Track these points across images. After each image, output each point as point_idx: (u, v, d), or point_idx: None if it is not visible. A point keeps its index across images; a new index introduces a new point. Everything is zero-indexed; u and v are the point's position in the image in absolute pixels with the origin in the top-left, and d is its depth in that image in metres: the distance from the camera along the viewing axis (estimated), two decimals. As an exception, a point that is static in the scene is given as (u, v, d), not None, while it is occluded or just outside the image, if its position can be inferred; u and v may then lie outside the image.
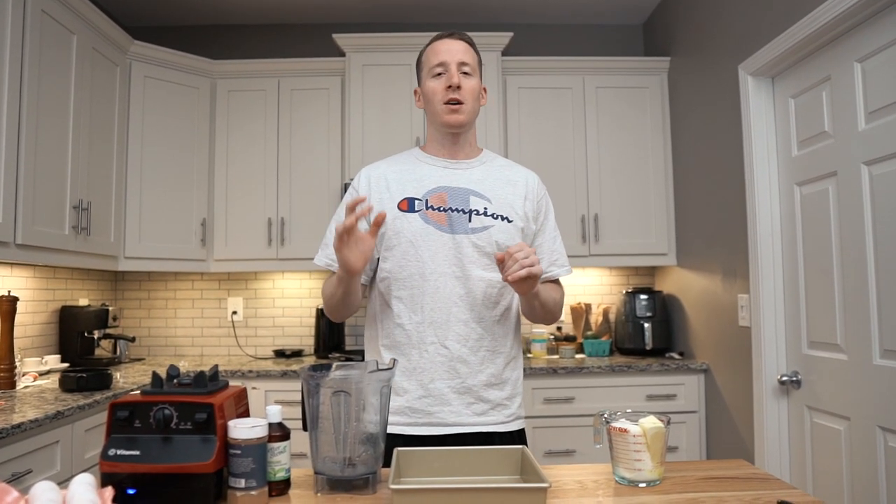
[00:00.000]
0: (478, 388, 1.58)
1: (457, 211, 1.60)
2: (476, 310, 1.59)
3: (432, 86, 1.62)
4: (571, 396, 3.12)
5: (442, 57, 1.61)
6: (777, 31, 2.44)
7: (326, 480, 1.17)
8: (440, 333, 1.57)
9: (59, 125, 2.61)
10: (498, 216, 1.62)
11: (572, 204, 3.50)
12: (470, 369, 1.58)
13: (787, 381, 2.47)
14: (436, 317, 1.57)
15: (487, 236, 1.59)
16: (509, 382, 1.64)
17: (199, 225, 3.43)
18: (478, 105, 1.66)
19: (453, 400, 1.57)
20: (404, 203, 1.61)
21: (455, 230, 1.59)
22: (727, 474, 1.26)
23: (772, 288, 2.58)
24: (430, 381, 1.57)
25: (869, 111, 2.06)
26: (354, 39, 3.45)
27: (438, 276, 1.58)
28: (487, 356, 1.60)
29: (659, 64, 3.57)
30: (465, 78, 1.61)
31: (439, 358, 1.57)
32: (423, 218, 1.60)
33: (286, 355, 3.60)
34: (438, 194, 1.62)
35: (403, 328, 1.59)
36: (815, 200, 2.35)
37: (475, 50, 1.67)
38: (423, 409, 1.57)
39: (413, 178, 1.65)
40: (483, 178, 1.66)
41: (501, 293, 1.62)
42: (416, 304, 1.58)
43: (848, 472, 2.17)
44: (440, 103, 1.61)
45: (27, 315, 2.95)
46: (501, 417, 1.61)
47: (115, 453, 1.08)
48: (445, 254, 1.58)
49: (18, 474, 1.82)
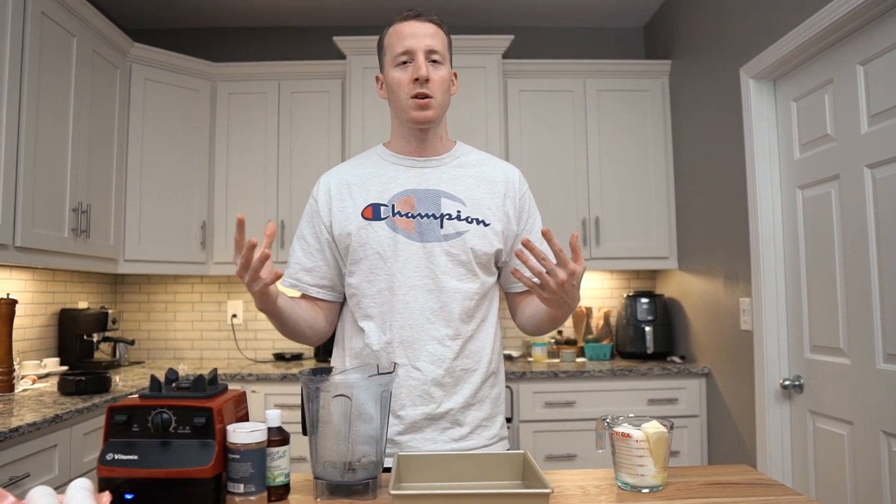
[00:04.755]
0: (454, 412, 1.44)
1: (426, 216, 1.45)
2: (453, 325, 1.44)
3: (397, 76, 1.45)
4: (572, 400, 3.10)
5: (408, 43, 1.43)
6: (779, 33, 2.43)
7: (326, 486, 1.15)
8: (410, 354, 1.42)
9: (59, 127, 2.60)
10: (473, 220, 1.46)
11: (573, 207, 3.49)
12: (445, 392, 1.43)
13: (789, 386, 2.46)
14: (405, 335, 1.43)
15: (462, 243, 1.44)
16: (488, 401, 1.49)
17: (198, 228, 3.42)
18: (448, 97, 1.49)
19: (426, 426, 1.43)
20: (368, 210, 1.46)
21: (425, 238, 1.44)
22: (731, 480, 1.24)
23: (774, 292, 2.57)
24: (401, 408, 1.42)
25: (872, 114, 2.05)
26: (355, 42, 3.45)
27: (408, 289, 1.43)
28: (463, 376, 1.45)
29: (660, 67, 3.56)
30: (434, 67, 1.44)
31: (410, 381, 1.42)
32: (390, 226, 1.45)
33: (286, 359, 3.59)
34: (406, 198, 1.47)
35: (371, 349, 1.44)
36: (818, 204, 2.34)
37: (445, 31, 1.51)
38: (391, 439, 1.41)
39: (377, 181, 1.50)
40: (456, 177, 1.51)
41: (479, 304, 1.47)
42: (384, 323, 1.44)
43: (851, 477, 2.15)
44: (406, 97, 1.44)
45: (26, 318, 2.94)
46: (482, 441, 1.47)
47: (113, 458, 1.07)
48: (416, 265, 1.43)
49: (16, 478, 1.81)
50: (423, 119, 1.45)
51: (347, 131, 3.44)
